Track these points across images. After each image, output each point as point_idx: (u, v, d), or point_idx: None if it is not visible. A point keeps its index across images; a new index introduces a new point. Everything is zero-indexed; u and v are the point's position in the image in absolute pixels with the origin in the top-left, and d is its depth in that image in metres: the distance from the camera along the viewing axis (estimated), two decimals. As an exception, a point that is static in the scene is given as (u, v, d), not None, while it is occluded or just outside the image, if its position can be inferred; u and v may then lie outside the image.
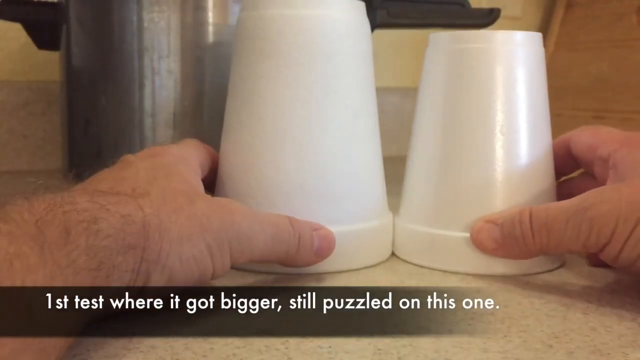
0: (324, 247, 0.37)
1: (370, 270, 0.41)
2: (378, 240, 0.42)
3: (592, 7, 1.02)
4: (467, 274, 0.39)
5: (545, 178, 0.41)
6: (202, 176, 0.39)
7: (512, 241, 0.37)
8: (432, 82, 0.42)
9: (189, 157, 0.38)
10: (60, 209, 0.25)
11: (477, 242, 0.39)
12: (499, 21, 0.64)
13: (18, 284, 0.21)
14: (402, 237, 0.43)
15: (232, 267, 0.40)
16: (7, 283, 0.21)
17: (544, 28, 1.10)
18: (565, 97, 1.02)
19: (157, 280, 0.29)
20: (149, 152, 0.37)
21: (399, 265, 0.42)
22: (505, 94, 0.40)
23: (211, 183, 0.42)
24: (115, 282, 0.27)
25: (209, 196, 0.35)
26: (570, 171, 0.45)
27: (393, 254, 0.43)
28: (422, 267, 0.41)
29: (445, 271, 0.40)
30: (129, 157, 0.36)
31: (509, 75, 0.40)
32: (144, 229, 0.29)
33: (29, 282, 0.22)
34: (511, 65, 0.40)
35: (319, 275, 0.39)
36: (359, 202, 0.40)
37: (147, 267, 0.29)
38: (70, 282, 0.24)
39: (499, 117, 0.39)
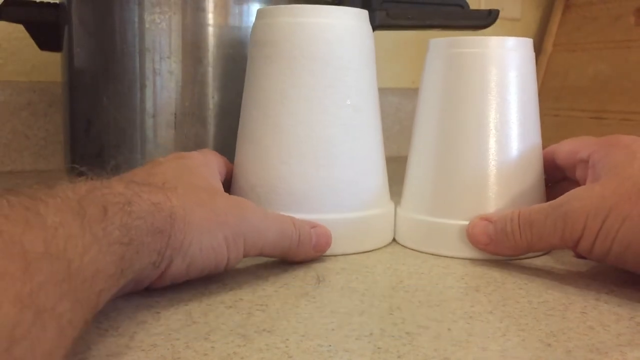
0: (322, 242, 0.41)
1: (368, 255, 0.43)
2: (378, 227, 0.45)
3: (590, 9, 1.03)
4: (462, 258, 0.43)
5: (534, 171, 0.44)
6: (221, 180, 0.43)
7: (503, 237, 0.40)
8: (431, 83, 0.45)
9: (210, 162, 0.42)
10: (99, 191, 0.28)
11: (472, 237, 0.42)
12: (498, 22, 0.64)
13: (61, 247, 0.23)
14: (403, 225, 0.46)
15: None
16: (52, 247, 0.23)
17: (542, 29, 1.11)
18: (564, 98, 1.02)
19: (179, 266, 0.33)
20: (176, 155, 0.42)
21: (399, 250, 0.45)
22: (498, 94, 0.43)
23: (226, 189, 0.45)
24: (144, 259, 0.30)
25: (226, 194, 0.39)
26: (556, 180, 0.48)
27: (395, 240, 0.47)
28: (420, 252, 0.44)
29: (441, 256, 0.43)
30: (159, 158, 0.40)
31: (501, 76, 0.43)
32: (170, 218, 0.32)
33: (70, 246, 0.24)
34: (504, 68, 0.43)
35: (324, 257, 0.42)
36: (359, 191, 0.44)
37: (171, 254, 0.32)
38: (104, 252, 0.26)
39: (493, 115, 0.43)
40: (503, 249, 0.41)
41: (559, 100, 1.03)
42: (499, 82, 0.43)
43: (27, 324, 0.20)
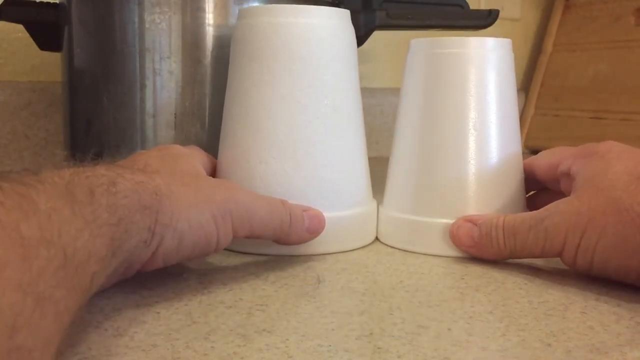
0: (315, 224, 0.41)
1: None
2: (359, 226, 0.45)
3: (590, 9, 1.03)
4: (443, 256, 0.43)
5: (514, 170, 0.45)
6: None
7: (488, 242, 0.41)
8: (412, 83, 0.46)
9: (194, 154, 0.43)
10: (83, 174, 0.28)
11: (456, 238, 0.42)
12: (498, 22, 0.64)
13: (55, 233, 0.24)
14: (385, 224, 0.47)
15: (232, 250, 0.43)
16: (47, 233, 0.23)
17: (542, 29, 1.11)
18: (564, 98, 1.02)
19: (170, 243, 0.33)
20: (159, 147, 0.42)
21: (382, 249, 0.45)
22: (477, 94, 0.43)
23: None
24: (134, 237, 0.30)
25: (211, 177, 0.39)
26: (536, 190, 0.48)
27: (378, 239, 0.47)
28: (403, 250, 0.44)
29: (423, 254, 0.44)
30: (141, 151, 0.41)
31: (480, 77, 0.43)
32: (156, 195, 0.32)
33: (64, 232, 0.24)
34: (483, 68, 0.44)
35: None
36: (340, 190, 0.44)
37: (161, 230, 0.32)
38: (95, 235, 0.26)
39: (472, 115, 0.43)
40: (486, 253, 0.41)
41: (559, 100, 1.03)
42: (479, 82, 0.43)
43: (28, 312, 0.21)
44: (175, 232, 0.33)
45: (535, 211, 0.39)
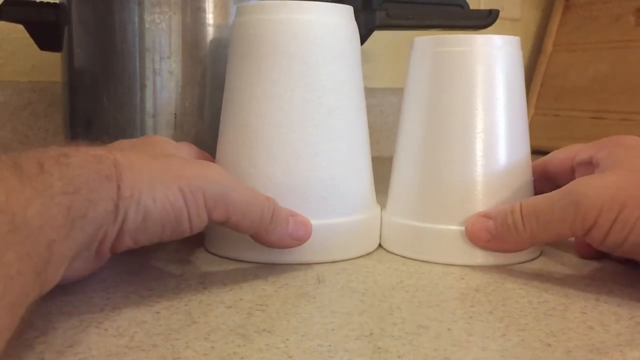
0: (300, 230, 0.39)
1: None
2: (360, 233, 0.43)
3: (590, 9, 1.03)
4: (449, 265, 0.41)
5: (523, 172, 0.43)
6: None
7: (505, 230, 0.39)
8: (416, 83, 0.44)
9: (180, 146, 0.41)
10: (33, 152, 0.28)
11: (472, 235, 0.40)
12: (498, 22, 0.64)
13: (3, 201, 0.23)
14: (388, 230, 0.45)
15: (231, 258, 0.42)
16: None
17: (542, 29, 1.11)
18: (564, 98, 1.02)
19: (134, 217, 0.31)
20: (141, 137, 0.41)
21: (385, 256, 0.43)
22: (484, 93, 0.42)
23: None
24: (100, 206, 0.29)
25: (186, 158, 0.37)
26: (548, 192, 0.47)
27: (381, 246, 0.45)
28: (406, 258, 0.43)
29: (428, 262, 0.42)
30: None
31: (488, 75, 0.42)
32: (115, 167, 0.30)
33: (13, 200, 0.24)
34: (490, 66, 0.42)
35: (302, 266, 0.40)
36: (337, 195, 0.42)
37: (124, 204, 0.30)
38: (48, 204, 0.26)
39: (480, 115, 0.42)
40: (505, 244, 0.39)
41: (559, 100, 1.03)
42: (486, 81, 0.42)
43: None
44: (139, 207, 0.31)
45: (555, 190, 0.37)
